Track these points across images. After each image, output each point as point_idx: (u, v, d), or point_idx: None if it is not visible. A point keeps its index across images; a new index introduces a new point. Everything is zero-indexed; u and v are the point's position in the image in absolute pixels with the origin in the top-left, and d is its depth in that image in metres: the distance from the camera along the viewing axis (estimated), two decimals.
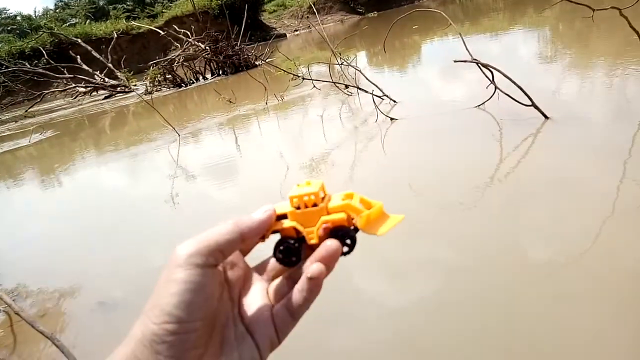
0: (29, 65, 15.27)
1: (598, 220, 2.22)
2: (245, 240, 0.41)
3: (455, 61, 4.09)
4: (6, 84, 14.89)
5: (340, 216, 0.43)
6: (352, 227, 0.44)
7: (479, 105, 4.27)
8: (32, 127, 10.76)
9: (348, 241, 0.43)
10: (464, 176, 3.10)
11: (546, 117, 3.60)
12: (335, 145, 4.62)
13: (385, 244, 2.54)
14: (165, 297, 0.37)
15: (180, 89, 12.30)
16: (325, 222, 0.43)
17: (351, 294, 2.15)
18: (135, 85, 13.33)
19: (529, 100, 3.65)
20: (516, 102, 3.76)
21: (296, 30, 29.48)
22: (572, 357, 1.53)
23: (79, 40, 18.03)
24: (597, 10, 3.97)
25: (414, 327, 1.86)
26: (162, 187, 4.65)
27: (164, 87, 12.79)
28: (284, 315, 0.42)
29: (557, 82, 4.80)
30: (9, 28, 32.30)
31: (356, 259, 2.43)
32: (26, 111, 14.60)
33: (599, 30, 6.55)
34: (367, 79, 5.42)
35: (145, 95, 11.56)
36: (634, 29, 3.87)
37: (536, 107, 3.62)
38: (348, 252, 0.43)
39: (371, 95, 4.92)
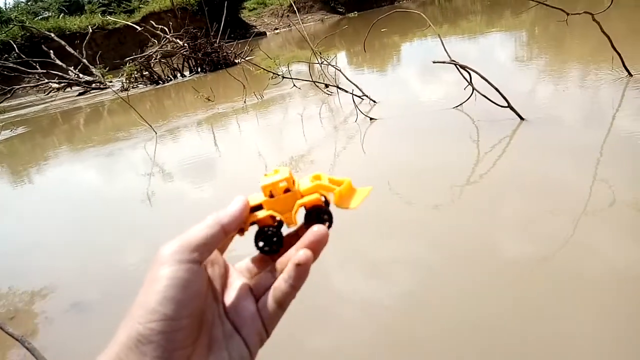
0: None
1: (571, 219, 2.27)
2: (227, 233, 0.41)
3: (434, 62, 4.13)
4: None
5: (315, 197, 0.44)
6: (325, 205, 0.45)
7: (457, 106, 4.34)
8: (1, 124, 10.40)
9: (326, 217, 0.45)
10: (441, 176, 3.14)
11: (522, 118, 3.68)
12: (314, 145, 4.61)
13: (362, 242, 2.55)
14: (150, 295, 0.36)
15: (158, 86, 12.09)
16: (302, 205, 0.44)
17: (328, 293, 2.15)
18: (110, 81, 13.03)
19: (505, 102, 3.72)
20: (493, 104, 3.83)
21: (276, 29, 29.36)
22: (546, 353, 1.56)
23: (52, 35, 17.54)
24: (571, 14, 4.08)
25: (392, 325, 1.87)
26: (139, 186, 4.57)
27: (140, 84, 12.55)
28: (271, 307, 0.42)
29: (532, 84, 4.91)
30: None
31: (333, 257, 2.44)
32: None
33: (572, 34, 6.74)
34: (347, 78, 5.43)
35: (121, 92, 11.32)
36: (605, 34, 3.99)
37: (512, 109, 3.69)
38: (328, 227, 0.45)
39: (351, 95, 4.93)
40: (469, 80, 4.07)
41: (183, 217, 3.50)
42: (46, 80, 14.63)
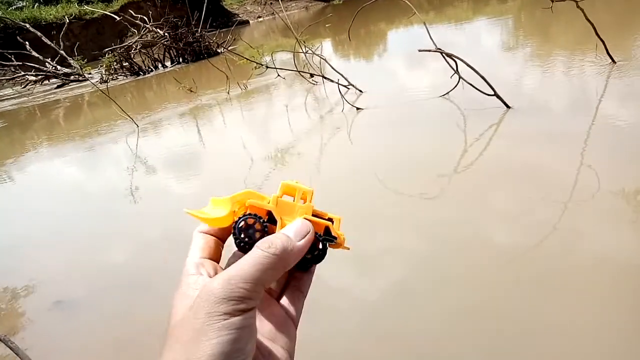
0: None
1: (559, 206, 2.28)
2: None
3: (419, 50, 4.10)
4: None
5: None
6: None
7: (443, 95, 4.32)
8: None
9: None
10: (429, 165, 3.13)
11: (508, 106, 3.68)
12: (300, 136, 4.56)
13: (351, 233, 2.52)
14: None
15: (139, 78, 11.83)
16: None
17: (317, 284, 2.12)
18: (89, 73, 12.71)
19: (491, 90, 3.71)
20: (479, 92, 3.82)
21: (259, 17, 28.96)
22: (539, 341, 1.56)
23: (27, 25, 16.97)
24: (556, 1, 4.08)
25: (381, 315, 1.86)
26: (121, 180, 4.46)
27: (120, 75, 12.27)
28: (292, 297, 0.43)
29: (518, 72, 4.91)
30: None
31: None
32: None
33: (558, 21, 6.76)
34: (332, 67, 5.37)
35: (101, 84, 11.06)
36: (589, 21, 4.00)
37: (498, 97, 3.69)
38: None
39: (337, 84, 4.88)
40: (455, 68, 4.05)
41: (168, 212, 3.43)
42: (22, 73, 14.19)
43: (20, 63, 14.11)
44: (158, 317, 2.21)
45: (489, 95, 3.74)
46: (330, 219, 0.44)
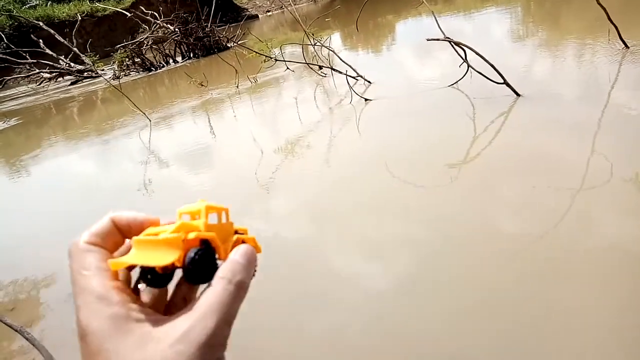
0: None
1: (569, 195, 2.27)
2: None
3: (428, 39, 4.07)
4: None
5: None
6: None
7: (452, 85, 4.29)
8: None
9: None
10: (438, 155, 3.12)
11: (518, 94, 3.64)
12: (310, 128, 4.58)
13: (360, 224, 2.54)
14: None
15: (150, 73, 11.94)
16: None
17: (327, 274, 2.15)
18: (102, 69, 12.86)
19: (501, 78, 3.68)
20: (489, 81, 3.79)
21: (268, 11, 28.91)
22: (549, 329, 1.57)
23: (41, 23, 17.21)
24: None
25: (392, 307, 1.88)
26: (135, 174, 4.54)
27: (132, 71, 12.39)
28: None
29: (528, 60, 4.85)
30: None
31: (331, 240, 2.43)
32: None
33: (569, 9, 6.65)
34: (340, 59, 5.36)
35: (114, 80, 11.18)
36: (601, 6, 3.93)
37: (508, 85, 3.66)
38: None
39: (345, 76, 4.87)
40: (464, 57, 4.02)
41: (180, 205, 3.48)
42: (37, 70, 14.42)
43: (35, 61, 14.34)
44: None
45: (498, 83, 3.72)
46: (243, 232, 0.42)
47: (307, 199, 3.03)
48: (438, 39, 3.94)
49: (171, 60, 12.63)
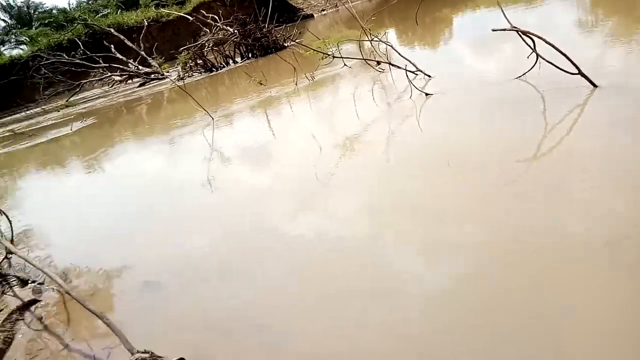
0: (66, 57, 15.71)
1: None
2: None
3: (493, 30, 3.90)
4: (47, 75, 15.47)
5: None
6: None
7: (519, 77, 4.08)
8: (72, 116, 11.15)
9: None
10: (504, 152, 2.98)
11: (595, 85, 3.40)
12: (369, 124, 4.54)
13: (421, 223, 2.48)
14: None
15: (212, 74, 12.40)
16: None
17: (390, 274, 2.12)
18: (168, 71, 13.54)
19: (575, 69, 3.45)
20: (560, 72, 3.56)
21: (323, 10, 29.00)
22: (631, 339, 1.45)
23: (112, 30, 18.40)
24: None
25: (449, 310, 1.82)
26: (199, 171, 4.72)
27: (195, 72, 12.92)
28: None
29: (601, 51, 4.51)
30: (45, 22, 33.31)
31: (389, 239, 2.38)
32: (67, 101, 15.15)
33: None
34: (399, 54, 5.27)
35: (178, 81, 11.72)
36: None
37: (583, 75, 3.42)
38: None
39: (404, 70, 4.78)
40: (532, 47, 3.81)
41: (243, 201, 3.59)
42: (109, 74, 15.46)
43: (107, 65, 15.36)
44: (239, 300, 2.33)
45: (572, 74, 3.48)
46: None
47: (366, 197, 3.00)
48: (504, 29, 3.77)
49: (231, 61, 13.04)
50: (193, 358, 1.90)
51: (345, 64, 6.60)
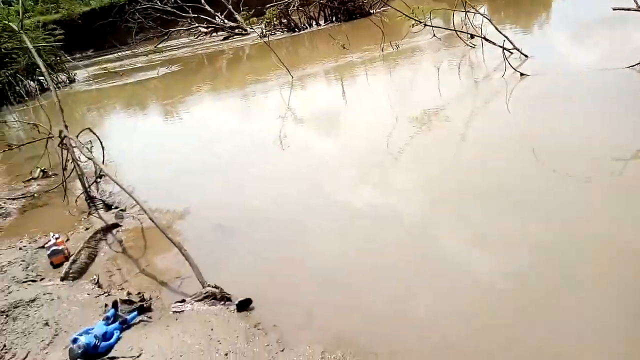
0: (159, 4, 16.34)
1: None
2: None
3: (614, 9, 3.50)
4: (140, 20, 16.23)
5: None
6: None
7: (632, 66, 3.66)
8: (159, 62, 11.70)
9: None
10: (601, 146, 2.71)
11: None
12: (450, 99, 4.32)
13: (482, 214, 2.33)
14: None
15: (294, 34, 12.39)
16: None
17: (449, 268, 2.03)
18: (252, 28, 13.70)
19: None
20: None
21: None
22: None
23: None
24: None
25: (516, 301, 1.73)
26: (271, 128, 4.74)
27: (278, 30, 12.97)
28: None
29: None
30: None
31: (449, 225, 2.27)
32: (155, 47, 15.87)
33: None
34: (496, 29, 4.90)
35: (260, 38, 11.84)
36: None
37: None
38: None
39: (501, 47, 4.46)
40: None
41: (313, 161, 3.58)
42: (196, 25, 15.93)
43: (195, 15, 15.82)
44: (297, 247, 2.38)
45: None
46: None
47: (435, 176, 2.88)
48: (629, 9, 3.37)
49: (314, 23, 12.92)
50: (257, 298, 1.96)
51: (434, 35, 6.27)
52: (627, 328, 1.50)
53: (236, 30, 14.58)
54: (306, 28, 12.64)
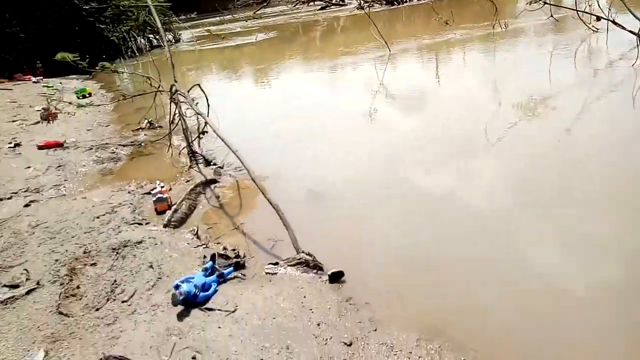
0: None
1: None
2: None
3: None
4: None
5: None
6: None
7: None
8: (257, 28, 12.00)
9: None
10: None
11: None
12: (561, 88, 3.95)
13: (574, 222, 2.12)
14: None
15: (392, 7, 12.02)
16: None
17: (515, 264, 1.92)
18: None
19: None
20: None
21: None
22: None
23: None
24: None
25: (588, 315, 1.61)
26: (362, 100, 4.67)
27: (376, 2, 12.65)
28: None
29: None
30: None
31: (529, 229, 2.11)
32: (254, 13, 16.27)
33: None
34: (631, 13, 4.32)
35: (357, 10, 11.64)
36: None
37: None
38: None
39: (634, 34, 3.96)
40: None
41: (397, 139, 3.47)
42: None
43: None
44: (386, 223, 2.36)
45: None
46: None
47: (527, 171, 2.66)
48: None
49: None
50: (347, 272, 1.98)
51: (552, 15, 5.71)
52: None
53: (333, 0, 14.45)
54: (405, 1, 12.20)
